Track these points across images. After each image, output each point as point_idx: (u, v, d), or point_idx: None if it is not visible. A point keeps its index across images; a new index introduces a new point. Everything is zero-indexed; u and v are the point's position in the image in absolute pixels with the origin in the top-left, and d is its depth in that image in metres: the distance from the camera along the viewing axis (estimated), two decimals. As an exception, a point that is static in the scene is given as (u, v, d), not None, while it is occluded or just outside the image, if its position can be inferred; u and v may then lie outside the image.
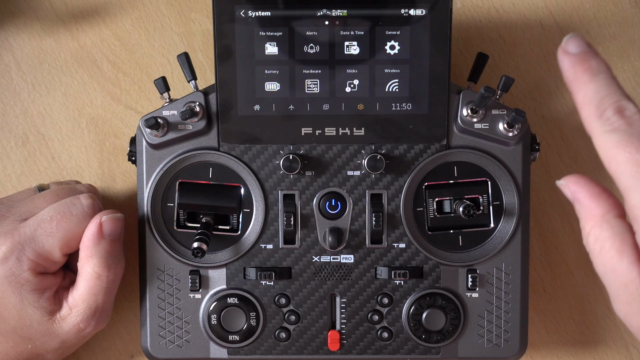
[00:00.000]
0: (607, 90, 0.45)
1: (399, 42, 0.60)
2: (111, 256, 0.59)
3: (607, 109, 0.45)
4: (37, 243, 0.58)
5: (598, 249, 0.46)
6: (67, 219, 0.59)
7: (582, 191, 0.48)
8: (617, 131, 0.44)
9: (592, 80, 0.46)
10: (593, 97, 0.45)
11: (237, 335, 0.62)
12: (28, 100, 0.69)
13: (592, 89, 0.46)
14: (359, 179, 0.62)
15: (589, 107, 0.45)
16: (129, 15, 0.69)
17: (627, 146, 0.43)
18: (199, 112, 0.60)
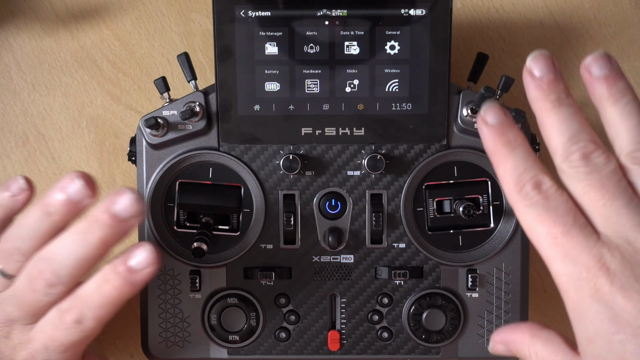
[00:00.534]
0: (525, 165, 0.48)
1: (399, 42, 0.60)
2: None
3: (526, 185, 0.47)
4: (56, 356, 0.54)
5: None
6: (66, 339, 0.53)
7: (503, 335, 0.52)
8: (535, 206, 0.47)
9: (511, 154, 0.48)
10: (512, 173, 0.48)
11: (237, 335, 0.62)
12: (28, 100, 0.70)
13: (511, 164, 0.48)
14: (359, 179, 0.62)
15: (509, 182, 0.48)
16: (129, 15, 0.70)
17: (545, 220, 0.46)
18: (199, 112, 0.60)
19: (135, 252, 0.52)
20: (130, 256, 0.52)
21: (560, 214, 0.46)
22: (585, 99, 0.70)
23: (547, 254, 0.47)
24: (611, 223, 0.46)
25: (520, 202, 0.47)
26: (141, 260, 0.52)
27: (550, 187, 0.47)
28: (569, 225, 0.46)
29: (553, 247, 0.46)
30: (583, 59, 0.50)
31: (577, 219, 0.46)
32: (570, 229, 0.46)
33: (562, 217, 0.46)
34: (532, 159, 0.48)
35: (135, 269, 0.52)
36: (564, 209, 0.46)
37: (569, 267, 0.46)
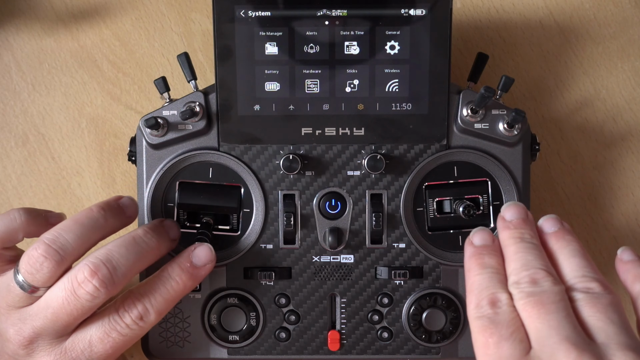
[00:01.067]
0: (489, 283, 0.52)
1: (399, 42, 0.60)
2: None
3: (483, 299, 0.51)
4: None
5: None
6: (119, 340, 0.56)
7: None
8: (483, 318, 0.50)
9: (480, 273, 0.53)
10: (476, 288, 0.52)
11: (237, 335, 0.62)
12: (28, 100, 0.70)
13: (477, 281, 0.52)
14: (359, 179, 0.62)
15: (470, 295, 0.52)
16: (129, 15, 0.69)
17: (485, 331, 0.49)
18: (199, 112, 0.60)
19: (197, 250, 0.58)
20: (193, 254, 0.58)
21: (500, 327, 0.49)
22: (586, 99, 0.70)
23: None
24: (541, 337, 0.48)
25: (473, 314, 0.51)
26: (202, 257, 0.58)
27: (504, 304, 0.50)
28: (504, 337, 0.48)
29: (484, 356, 0.49)
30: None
31: (515, 334, 0.48)
32: (502, 340, 0.48)
33: (500, 329, 0.49)
34: (497, 279, 0.52)
35: (198, 265, 0.58)
36: (507, 323, 0.49)
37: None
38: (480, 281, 0.52)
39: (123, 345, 0.56)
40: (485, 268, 0.53)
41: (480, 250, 0.54)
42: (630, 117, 0.69)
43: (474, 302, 0.51)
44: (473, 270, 0.53)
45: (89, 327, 0.56)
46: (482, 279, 0.52)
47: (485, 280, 0.52)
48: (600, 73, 0.69)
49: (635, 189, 0.70)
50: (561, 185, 0.70)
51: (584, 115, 0.69)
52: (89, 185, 0.70)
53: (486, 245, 0.55)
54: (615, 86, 0.69)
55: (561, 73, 0.69)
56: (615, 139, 0.69)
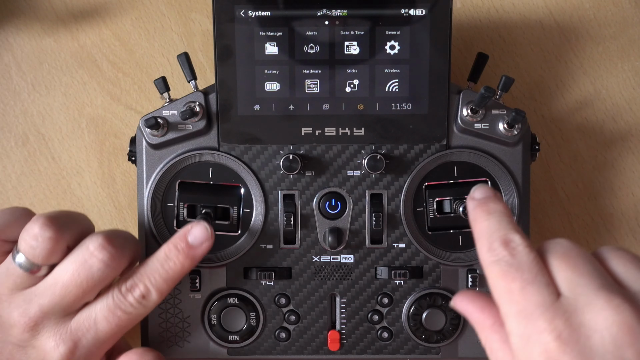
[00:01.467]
0: (497, 225, 0.49)
1: (399, 42, 0.60)
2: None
3: (495, 241, 0.48)
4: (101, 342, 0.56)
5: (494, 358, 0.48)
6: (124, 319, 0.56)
7: (470, 306, 0.51)
8: (500, 262, 0.47)
9: (487, 218, 0.50)
10: (485, 232, 0.49)
11: (237, 335, 0.62)
12: (28, 100, 0.70)
13: (485, 225, 0.50)
14: (359, 179, 0.62)
15: (481, 241, 0.49)
16: (129, 15, 0.69)
17: (506, 276, 0.46)
18: (199, 112, 0.60)
19: (193, 229, 0.57)
20: (189, 233, 0.57)
21: (521, 270, 0.46)
22: (586, 99, 0.70)
23: (504, 309, 0.46)
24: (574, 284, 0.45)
25: (488, 259, 0.48)
26: (198, 236, 0.57)
27: (519, 245, 0.48)
28: (528, 281, 0.46)
29: (509, 303, 0.46)
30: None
31: (539, 277, 0.46)
32: (526, 285, 0.45)
33: (522, 273, 0.46)
34: (507, 221, 0.50)
35: (194, 244, 0.57)
36: (527, 266, 0.46)
37: (521, 326, 0.45)
38: (488, 225, 0.49)
39: (127, 324, 0.56)
40: (492, 213, 0.50)
41: (484, 199, 0.52)
42: (630, 117, 0.69)
43: (485, 246, 0.48)
44: (479, 218, 0.50)
45: (94, 307, 0.56)
46: (490, 223, 0.49)
47: (494, 223, 0.49)
48: (600, 73, 0.69)
49: (635, 189, 0.70)
50: (561, 185, 0.70)
51: (584, 115, 0.69)
52: (89, 185, 0.70)
53: (488, 196, 0.52)
54: (615, 86, 0.69)
55: (561, 73, 0.69)
56: (615, 139, 0.69)
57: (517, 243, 0.48)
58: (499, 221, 0.49)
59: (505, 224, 0.49)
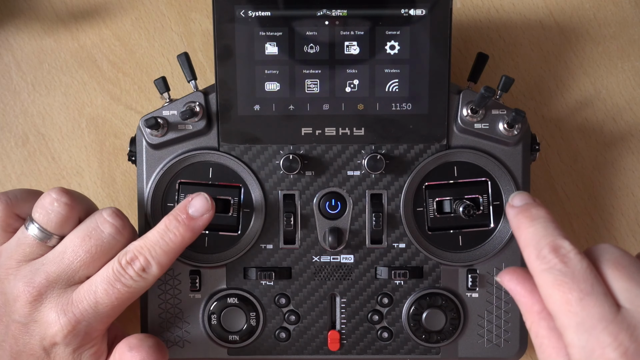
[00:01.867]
0: (544, 232, 0.48)
1: (399, 42, 0.60)
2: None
3: (544, 248, 0.47)
4: (101, 316, 0.56)
5: (538, 344, 0.48)
6: (124, 292, 0.56)
7: (518, 288, 0.49)
8: (553, 270, 0.46)
9: (532, 224, 0.49)
10: (532, 239, 0.48)
11: (237, 335, 0.62)
12: (28, 100, 0.70)
13: (531, 232, 0.48)
14: (359, 179, 0.62)
15: (528, 248, 0.48)
16: (129, 15, 0.69)
17: (561, 285, 0.45)
18: (199, 112, 0.60)
19: (193, 200, 0.57)
20: (190, 205, 0.57)
21: (577, 280, 0.45)
22: (586, 99, 0.70)
23: (562, 321, 0.45)
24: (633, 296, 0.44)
25: (538, 267, 0.46)
26: (199, 207, 0.57)
27: (569, 252, 0.46)
28: (586, 292, 0.44)
29: (567, 315, 0.44)
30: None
31: (595, 287, 0.44)
32: (585, 296, 0.44)
33: (579, 283, 0.44)
34: (553, 227, 0.48)
35: (195, 216, 0.57)
36: (582, 275, 0.45)
37: (582, 339, 0.43)
38: (534, 232, 0.48)
39: (128, 298, 0.56)
40: (536, 219, 0.49)
41: (525, 206, 0.51)
42: (630, 117, 0.69)
43: (533, 254, 0.47)
44: (523, 224, 0.49)
45: (95, 279, 0.56)
46: (536, 229, 0.48)
47: (540, 229, 0.48)
48: (600, 73, 0.69)
49: (635, 189, 0.70)
50: (561, 185, 0.70)
51: (584, 115, 0.69)
52: (89, 185, 0.70)
53: (529, 203, 0.51)
54: (615, 86, 0.69)
55: (561, 73, 0.69)
56: (615, 139, 0.69)
57: (567, 250, 0.46)
58: (544, 227, 0.48)
59: (551, 230, 0.48)
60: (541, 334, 0.48)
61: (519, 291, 0.49)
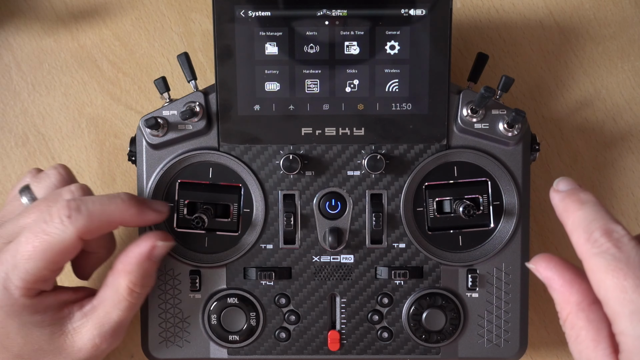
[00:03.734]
0: (595, 215, 0.46)
1: (399, 42, 0.60)
2: (148, 276, 0.57)
3: (595, 231, 0.45)
4: (20, 269, 0.54)
5: (574, 336, 0.46)
6: (42, 239, 0.54)
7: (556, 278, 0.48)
8: (606, 254, 0.44)
9: (581, 208, 0.47)
10: (581, 222, 0.46)
11: (237, 335, 0.62)
12: (28, 100, 0.70)
13: (581, 215, 0.47)
14: (359, 179, 0.62)
15: (578, 231, 0.46)
16: (129, 15, 0.69)
17: (615, 271, 0.43)
18: (199, 112, 0.60)
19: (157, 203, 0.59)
20: (153, 202, 0.59)
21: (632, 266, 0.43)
22: (586, 99, 0.70)
23: (614, 308, 0.43)
24: None
25: (589, 251, 0.45)
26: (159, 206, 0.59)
27: (623, 236, 0.45)
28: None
29: (621, 303, 0.43)
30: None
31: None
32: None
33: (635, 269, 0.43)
34: (603, 211, 0.47)
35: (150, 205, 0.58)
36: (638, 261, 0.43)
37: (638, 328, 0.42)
38: (584, 215, 0.46)
39: (43, 249, 0.54)
40: (585, 203, 0.47)
41: (572, 190, 0.49)
42: (630, 117, 0.69)
43: (583, 237, 0.45)
44: (571, 207, 0.47)
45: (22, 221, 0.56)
46: (586, 212, 0.47)
47: (590, 212, 0.46)
48: (600, 73, 0.69)
49: (635, 189, 0.70)
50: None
51: (584, 115, 0.69)
52: (89, 185, 0.70)
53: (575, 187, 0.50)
54: (615, 86, 0.69)
55: (561, 73, 0.69)
56: (615, 139, 0.69)
57: (620, 234, 0.45)
58: (595, 210, 0.47)
59: (603, 213, 0.46)
60: (579, 326, 0.46)
61: (557, 280, 0.48)
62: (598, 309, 0.46)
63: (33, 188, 0.60)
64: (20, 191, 0.60)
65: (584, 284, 0.47)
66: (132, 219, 0.57)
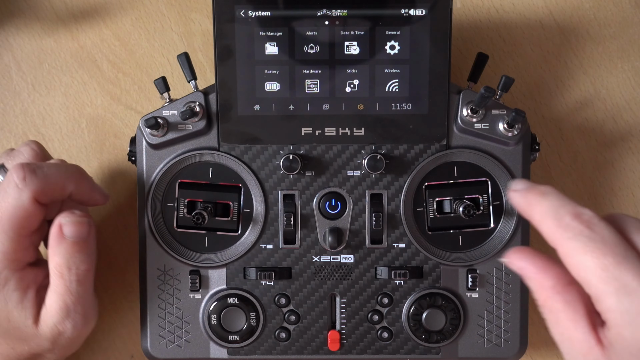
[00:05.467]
0: (560, 202, 0.47)
1: (399, 42, 0.60)
2: (73, 257, 0.57)
3: (565, 217, 0.46)
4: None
5: (554, 319, 0.47)
6: (3, 208, 0.55)
7: (529, 266, 0.48)
8: (580, 236, 0.44)
9: (544, 198, 0.48)
10: (549, 211, 0.47)
11: (237, 335, 0.62)
12: (28, 100, 0.70)
13: (546, 204, 0.47)
14: (359, 179, 0.62)
15: (547, 220, 0.47)
16: (129, 15, 0.69)
17: (594, 251, 0.44)
18: (199, 112, 0.60)
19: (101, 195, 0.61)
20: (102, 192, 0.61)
21: (609, 245, 0.44)
22: (586, 99, 0.70)
23: (597, 287, 0.44)
24: None
25: (562, 236, 0.45)
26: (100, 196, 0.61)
27: (592, 217, 0.45)
28: (622, 256, 0.43)
29: (604, 281, 0.43)
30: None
31: (628, 250, 0.44)
32: (623, 260, 0.43)
33: (612, 247, 0.44)
34: (567, 199, 0.47)
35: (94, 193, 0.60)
36: (613, 240, 0.44)
37: (625, 302, 0.43)
38: (549, 204, 0.47)
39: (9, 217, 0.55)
40: (547, 193, 0.48)
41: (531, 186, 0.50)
42: (630, 117, 0.69)
43: (554, 224, 0.46)
44: (535, 200, 0.48)
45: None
46: (551, 201, 0.47)
47: (555, 201, 0.47)
48: (600, 73, 0.69)
49: (635, 189, 0.70)
50: (561, 185, 0.70)
51: (584, 115, 0.69)
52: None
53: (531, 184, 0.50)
54: (615, 86, 0.69)
55: (561, 73, 0.69)
56: (615, 139, 0.69)
57: (590, 216, 0.46)
58: (559, 198, 0.47)
59: (567, 200, 0.47)
60: (556, 308, 0.47)
61: (530, 268, 0.48)
62: (573, 291, 0.47)
63: (7, 165, 0.61)
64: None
65: (557, 269, 0.47)
66: (83, 191, 0.59)
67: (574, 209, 0.46)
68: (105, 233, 0.68)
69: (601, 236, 0.44)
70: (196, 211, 0.59)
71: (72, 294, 0.57)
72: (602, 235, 0.44)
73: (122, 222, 0.69)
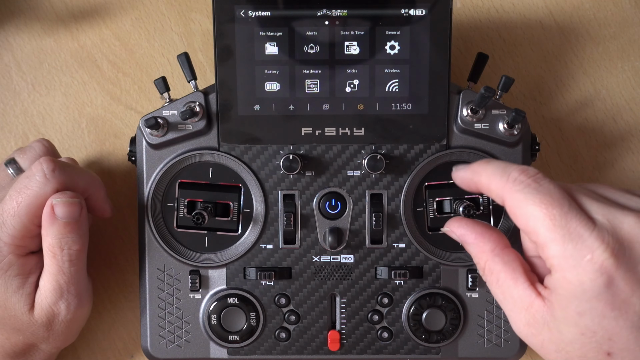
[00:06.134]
0: (505, 164, 0.51)
1: (399, 42, 0.60)
2: (65, 237, 0.58)
3: (512, 172, 0.49)
4: (7, 226, 0.57)
5: (495, 280, 0.51)
6: (25, 194, 0.57)
7: (468, 233, 0.53)
8: (529, 189, 0.48)
9: (489, 164, 0.52)
10: (495, 171, 0.50)
11: (237, 335, 0.62)
12: (28, 100, 0.70)
13: (492, 166, 0.51)
14: (359, 179, 0.62)
15: (494, 179, 0.50)
16: (129, 15, 0.69)
17: (543, 202, 0.47)
18: (199, 112, 0.60)
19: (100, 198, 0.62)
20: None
21: (555, 197, 0.47)
22: (586, 99, 0.70)
23: (544, 235, 0.47)
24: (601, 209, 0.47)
25: (511, 189, 0.49)
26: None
27: (538, 173, 0.49)
28: (567, 207, 0.47)
29: (552, 229, 0.47)
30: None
31: (572, 203, 0.47)
32: (569, 210, 0.47)
33: (558, 199, 0.47)
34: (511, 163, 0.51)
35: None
36: (559, 193, 0.48)
37: (569, 248, 0.46)
38: (496, 165, 0.51)
39: (29, 203, 0.57)
40: (491, 161, 0.52)
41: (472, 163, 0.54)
42: (630, 117, 0.69)
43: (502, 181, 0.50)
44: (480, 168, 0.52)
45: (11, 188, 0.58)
46: (496, 164, 0.51)
47: (500, 163, 0.51)
48: (600, 73, 0.69)
49: (635, 189, 0.70)
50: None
51: (584, 115, 0.69)
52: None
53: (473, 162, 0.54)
54: (615, 86, 0.69)
55: (561, 73, 0.69)
56: (615, 139, 0.69)
57: (535, 172, 0.49)
58: (503, 162, 0.51)
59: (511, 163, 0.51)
60: (497, 270, 0.51)
61: (469, 235, 0.53)
62: (510, 252, 0.51)
63: (18, 160, 0.63)
64: (6, 163, 0.63)
65: (495, 234, 0.52)
66: (97, 199, 0.61)
67: (519, 166, 0.50)
68: (105, 233, 0.68)
69: (547, 189, 0.48)
70: (196, 211, 0.60)
71: (65, 274, 0.58)
72: (548, 188, 0.48)
73: (122, 222, 0.69)
